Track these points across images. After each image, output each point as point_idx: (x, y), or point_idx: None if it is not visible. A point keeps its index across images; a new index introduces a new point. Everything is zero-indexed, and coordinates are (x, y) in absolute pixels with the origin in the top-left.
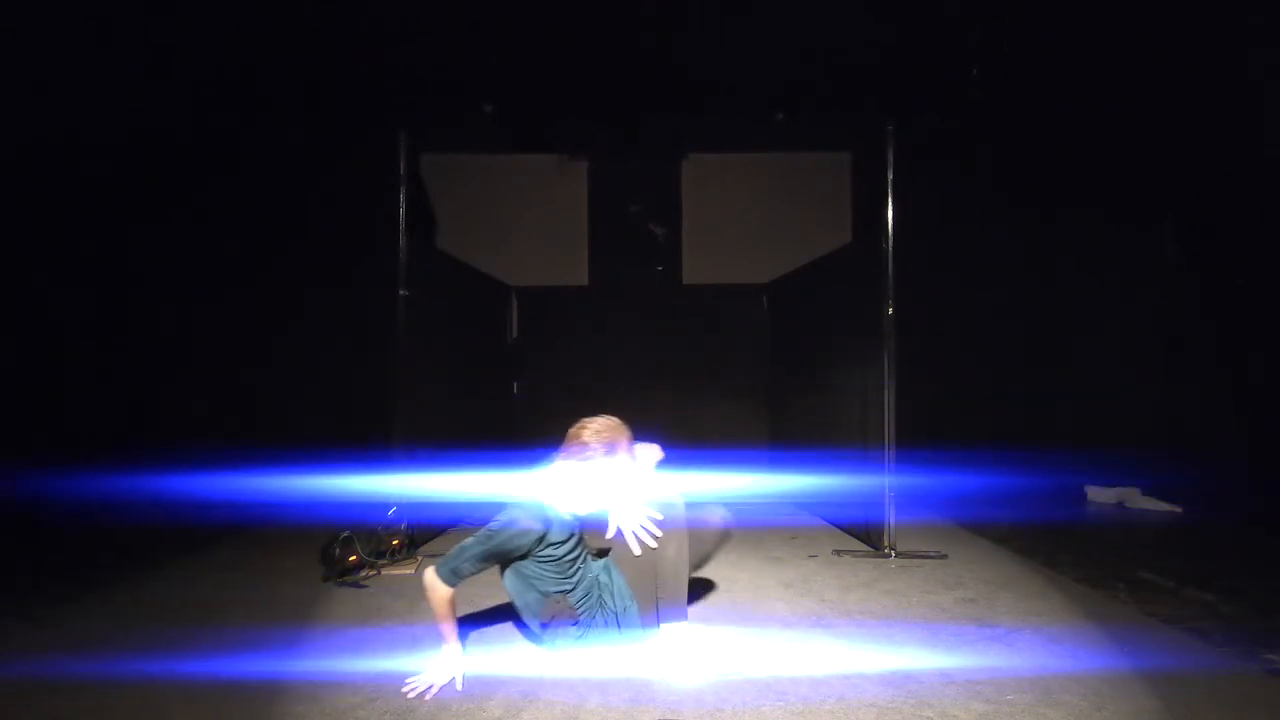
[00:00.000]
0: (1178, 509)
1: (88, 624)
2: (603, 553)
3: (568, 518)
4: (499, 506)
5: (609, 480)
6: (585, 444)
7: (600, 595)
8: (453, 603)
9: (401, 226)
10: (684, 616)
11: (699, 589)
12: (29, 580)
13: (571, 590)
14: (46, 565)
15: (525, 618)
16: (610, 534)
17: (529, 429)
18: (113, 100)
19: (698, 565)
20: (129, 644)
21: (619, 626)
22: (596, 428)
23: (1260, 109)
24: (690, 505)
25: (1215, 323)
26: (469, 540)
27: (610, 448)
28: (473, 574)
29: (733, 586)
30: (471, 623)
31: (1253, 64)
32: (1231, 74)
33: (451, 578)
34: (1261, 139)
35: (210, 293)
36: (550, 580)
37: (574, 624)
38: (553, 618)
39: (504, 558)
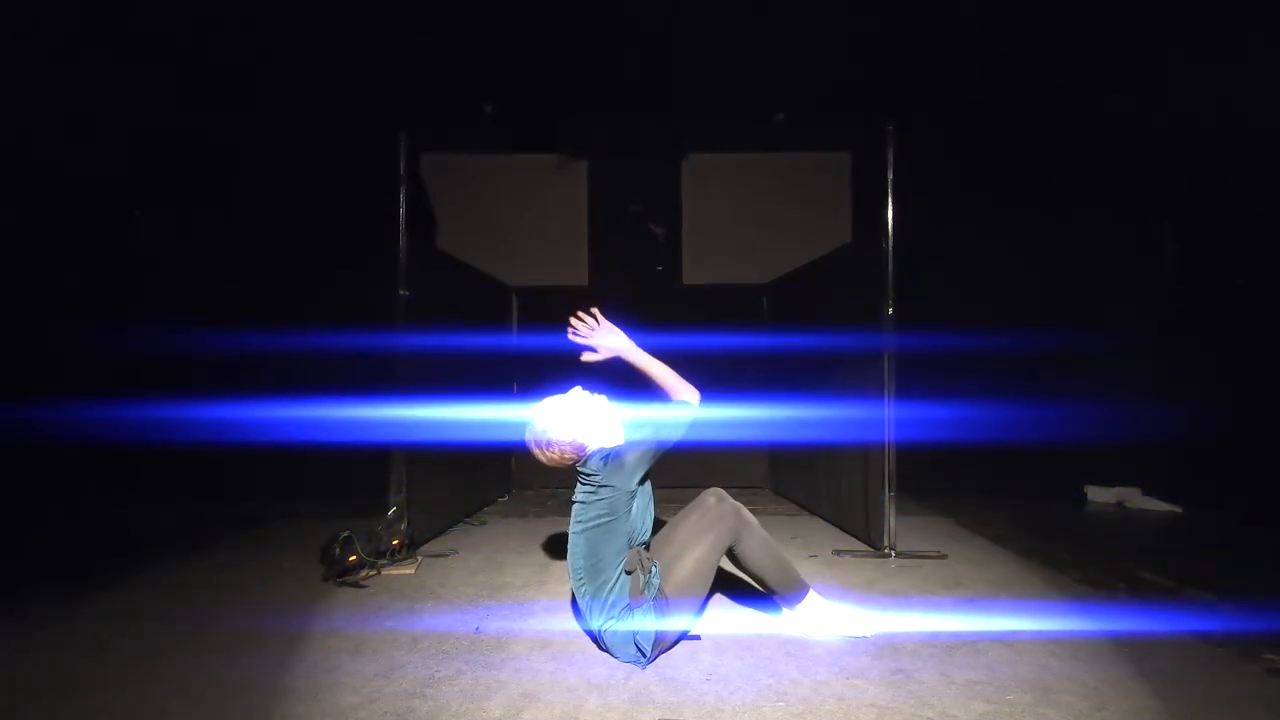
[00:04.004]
0: (1178, 509)
1: (88, 624)
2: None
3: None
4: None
5: (592, 405)
6: (561, 443)
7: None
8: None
9: (401, 226)
10: (805, 592)
11: None
12: (29, 580)
13: (650, 538)
14: (46, 565)
15: (599, 581)
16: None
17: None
18: (111, 100)
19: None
20: (129, 644)
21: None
22: (543, 441)
23: (1260, 107)
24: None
25: (1215, 322)
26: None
27: (560, 421)
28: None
29: (732, 587)
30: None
31: (1252, 61)
32: (1230, 72)
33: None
34: (1262, 137)
35: (208, 293)
36: (646, 517)
37: (646, 583)
38: (634, 568)
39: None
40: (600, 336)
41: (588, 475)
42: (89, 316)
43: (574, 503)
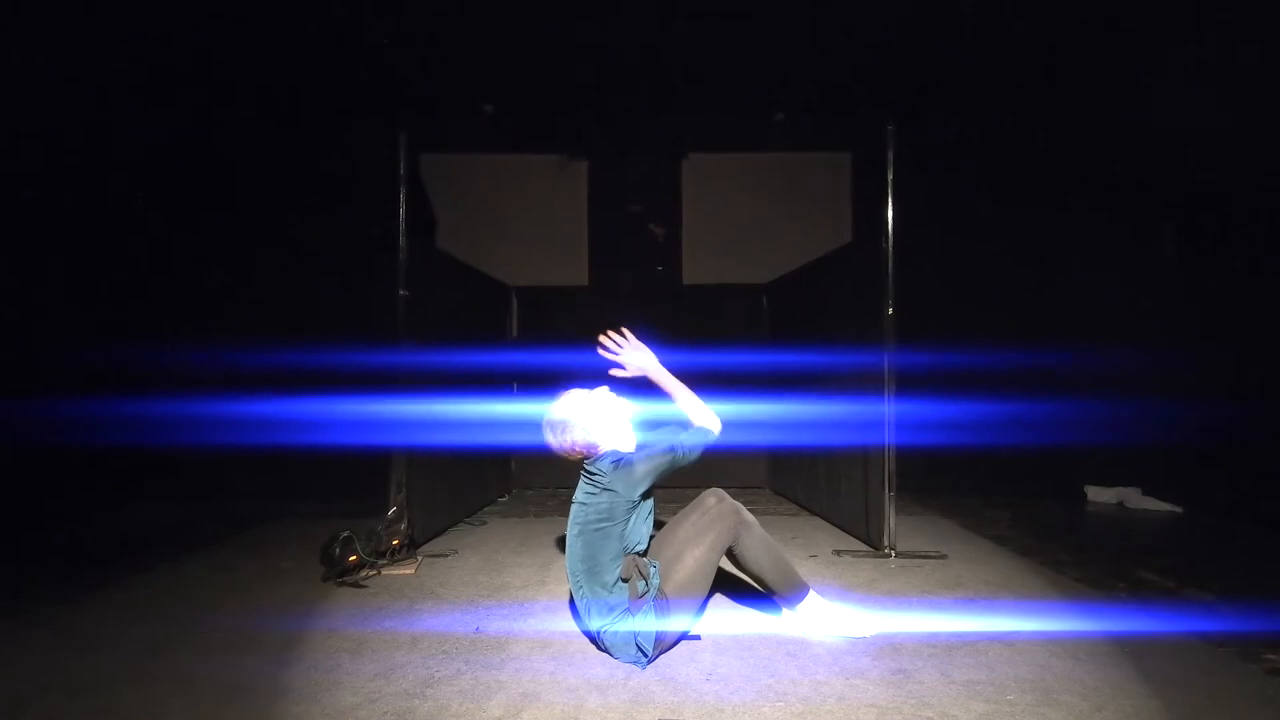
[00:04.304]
0: (1178, 509)
1: (88, 624)
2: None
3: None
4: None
5: (612, 402)
6: (574, 438)
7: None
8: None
9: (401, 226)
10: (805, 592)
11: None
12: (28, 580)
13: (646, 548)
14: (46, 565)
15: (597, 583)
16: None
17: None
18: (110, 103)
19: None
20: (129, 644)
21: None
22: (559, 431)
23: (1259, 105)
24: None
25: (1216, 322)
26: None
27: (580, 412)
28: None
29: (732, 587)
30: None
31: (1254, 63)
32: (1230, 74)
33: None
34: (1264, 136)
35: (204, 296)
36: (644, 528)
37: (645, 584)
38: (630, 575)
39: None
40: (629, 354)
41: (593, 475)
42: (90, 318)
43: (574, 503)
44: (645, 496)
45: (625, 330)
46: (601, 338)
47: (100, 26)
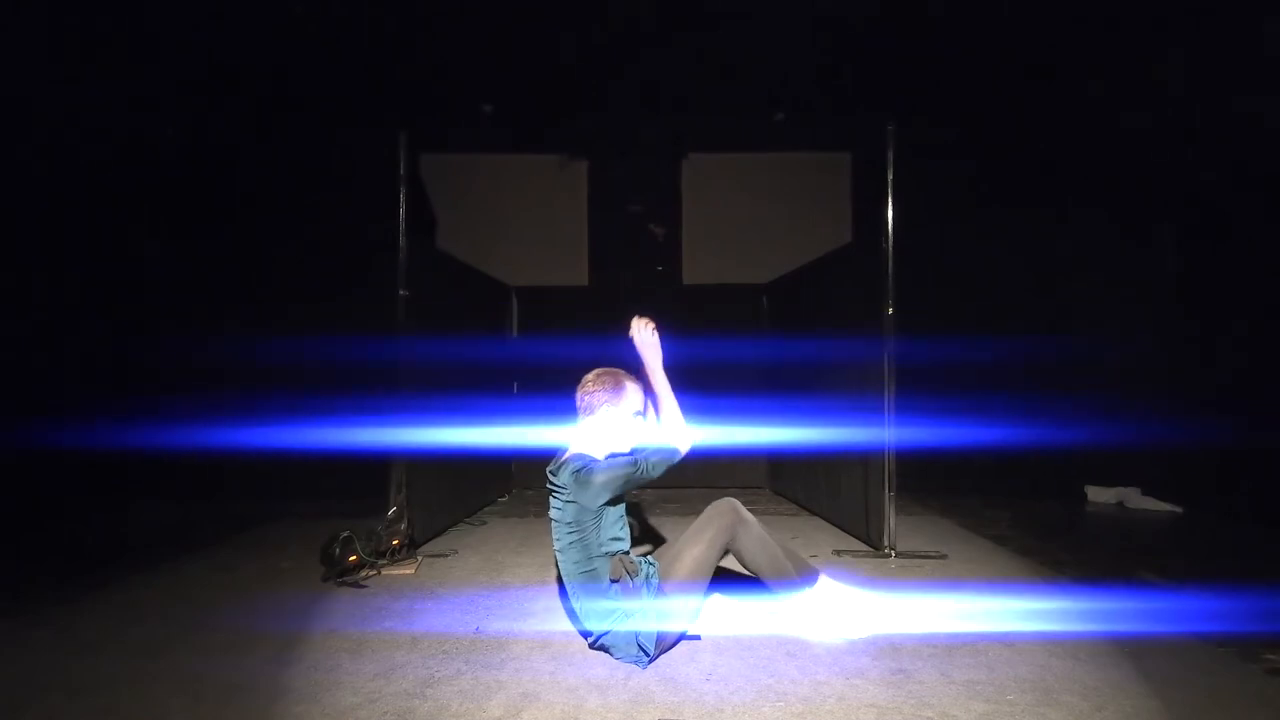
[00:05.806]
0: (1178, 509)
1: (88, 624)
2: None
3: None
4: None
5: (631, 418)
6: (591, 393)
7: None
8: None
9: (401, 226)
10: (812, 580)
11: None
12: (28, 579)
13: (629, 549)
14: (47, 565)
15: (590, 588)
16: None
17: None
18: (108, 103)
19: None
20: (129, 644)
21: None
22: (593, 378)
23: (1260, 111)
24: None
25: (1216, 322)
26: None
27: (615, 391)
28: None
29: (733, 587)
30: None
31: (1254, 66)
32: (1231, 77)
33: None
34: (1264, 136)
35: (204, 296)
36: (617, 531)
37: (643, 583)
38: (620, 576)
39: (635, 486)
40: (644, 336)
41: (556, 488)
42: (90, 320)
43: (551, 520)
44: (613, 503)
45: (652, 323)
46: (638, 316)
47: (99, 26)
